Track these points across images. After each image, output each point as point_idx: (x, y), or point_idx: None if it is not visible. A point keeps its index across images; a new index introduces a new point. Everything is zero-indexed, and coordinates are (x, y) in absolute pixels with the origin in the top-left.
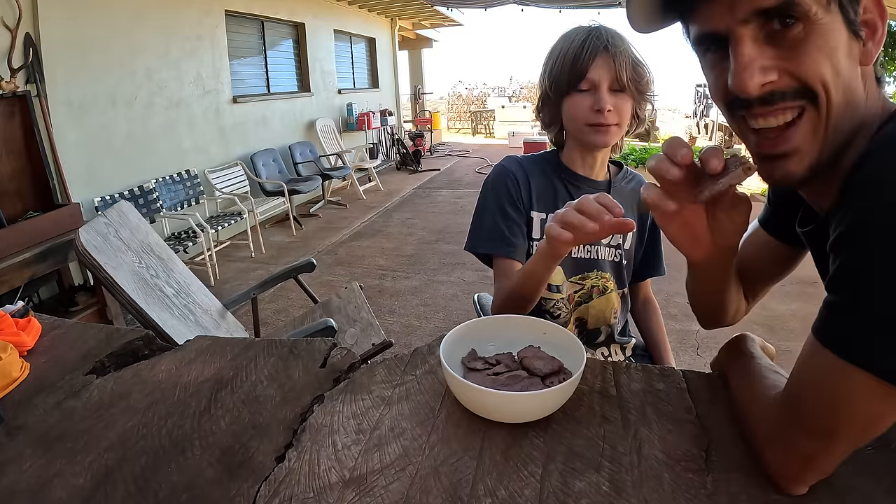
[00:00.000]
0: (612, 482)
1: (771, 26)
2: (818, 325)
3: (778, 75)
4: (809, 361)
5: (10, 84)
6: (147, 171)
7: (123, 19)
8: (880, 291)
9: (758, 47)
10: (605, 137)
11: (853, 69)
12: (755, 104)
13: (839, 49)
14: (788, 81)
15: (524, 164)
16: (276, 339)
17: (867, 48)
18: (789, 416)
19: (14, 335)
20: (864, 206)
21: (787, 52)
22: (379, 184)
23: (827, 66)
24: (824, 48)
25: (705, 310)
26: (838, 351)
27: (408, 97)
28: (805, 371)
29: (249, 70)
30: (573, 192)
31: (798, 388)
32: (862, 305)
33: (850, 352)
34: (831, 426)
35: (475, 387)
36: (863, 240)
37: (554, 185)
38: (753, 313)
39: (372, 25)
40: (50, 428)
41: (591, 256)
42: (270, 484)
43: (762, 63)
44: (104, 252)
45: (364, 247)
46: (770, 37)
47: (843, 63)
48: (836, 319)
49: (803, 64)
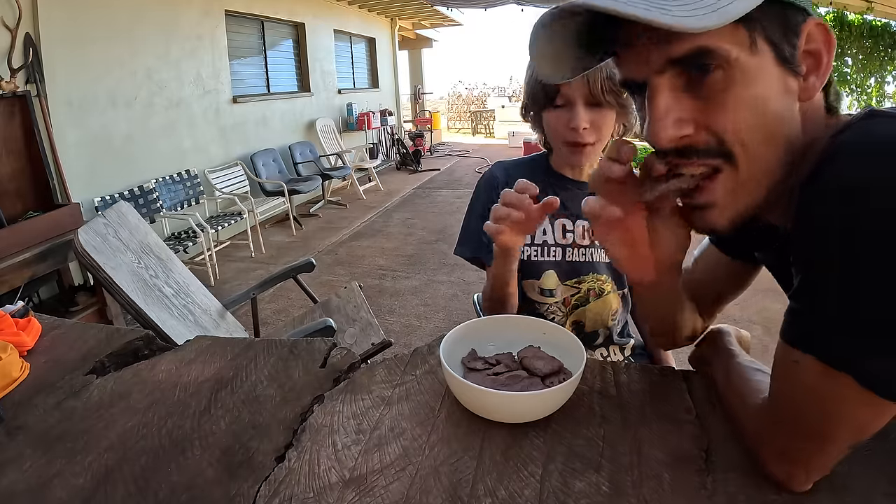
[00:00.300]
0: (611, 482)
1: (689, 74)
2: (797, 332)
3: (695, 129)
4: (794, 370)
5: (10, 84)
6: (147, 171)
7: (123, 19)
8: (836, 296)
9: (675, 97)
10: (581, 157)
11: (787, 108)
12: (671, 155)
13: (767, 93)
14: (706, 137)
15: (510, 171)
16: (276, 339)
17: (808, 83)
18: (782, 424)
19: (14, 335)
20: (849, 213)
21: (705, 102)
22: (379, 184)
23: (748, 118)
24: (746, 97)
25: (657, 331)
26: (822, 357)
27: (408, 97)
28: (791, 380)
29: (249, 70)
30: (562, 196)
31: (786, 398)
32: (826, 309)
33: (833, 357)
34: (825, 430)
35: (475, 387)
36: (834, 248)
37: (544, 189)
38: (752, 313)
39: (372, 25)
40: (50, 428)
41: (587, 259)
42: (270, 484)
43: (678, 115)
44: (103, 252)
45: (364, 247)
46: (689, 85)
47: (772, 106)
48: (813, 326)
49: (721, 117)
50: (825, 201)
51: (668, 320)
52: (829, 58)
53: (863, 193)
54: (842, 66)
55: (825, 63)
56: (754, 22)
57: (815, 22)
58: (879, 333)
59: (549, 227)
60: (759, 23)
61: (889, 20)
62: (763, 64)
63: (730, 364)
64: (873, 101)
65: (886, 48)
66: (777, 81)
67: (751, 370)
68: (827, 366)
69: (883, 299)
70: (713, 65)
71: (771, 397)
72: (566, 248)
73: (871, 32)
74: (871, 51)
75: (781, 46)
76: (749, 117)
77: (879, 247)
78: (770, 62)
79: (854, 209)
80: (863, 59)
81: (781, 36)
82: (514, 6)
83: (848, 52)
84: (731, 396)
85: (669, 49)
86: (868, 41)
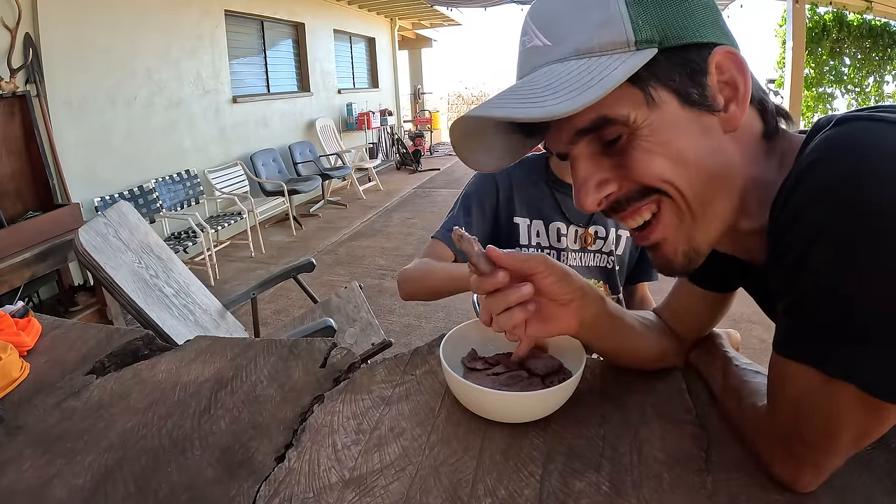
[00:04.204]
0: (612, 482)
1: (600, 140)
2: (792, 344)
3: (618, 184)
4: (792, 381)
5: (10, 84)
6: (147, 171)
7: (123, 19)
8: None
9: (593, 163)
10: None
11: (713, 143)
12: (609, 212)
13: (679, 140)
14: (630, 186)
15: (511, 172)
16: (276, 339)
17: (729, 112)
18: (784, 430)
19: (14, 335)
20: (840, 212)
21: (619, 160)
22: (379, 184)
23: (661, 163)
24: (654, 148)
25: (619, 361)
26: (821, 367)
27: (408, 97)
28: (790, 390)
29: (249, 70)
30: (560, 199)
31: (786, 407)
32: (821, 318)
33: (832, 367)
34: (829, 435)
35: (475, 387)
36: (824, 250)
37: (541, 191)
38: (752, 312)
39: (372, 25)
40: (50, 428)
41: (576, 263)
42: (270, 484)
43: (599, 178)
44: (103, 252)
45: (364, 246)
46: (605, 149)
47: (688, 150)
48: (809, 336)
49: (635, 170)
50: (813, 205)
51: (623, 351)
52: (746, 81)
53: (853, 192)
54: (840, 65)
55: (742, 89)
56: (645, 80)
57: (721, 52)
58: (878, 337)
59: (544, 229)
60: (652, 78)
61: (888, 20)
62: (666, 114)
63: (727, 367)
64: (872, 100)
65: (885, 48)
66: (689, 125)
67: (749, 372)
68: (827, 375)
69: (879, 300)
70: (616, 129)
71: (771, 405)
72: (560, 252)
73: (870, 32)
74: (871, 50)
75: (686, 90)
76: (665, 165)
77: (873, 245)
78: (675, 109)
79: (843, 209)
80: (862, 59)
81: (686, 80)
82: (513, 6)
83: (847, 52)
84: (729, 400)
85: (573, 123)
86: (867, 41)
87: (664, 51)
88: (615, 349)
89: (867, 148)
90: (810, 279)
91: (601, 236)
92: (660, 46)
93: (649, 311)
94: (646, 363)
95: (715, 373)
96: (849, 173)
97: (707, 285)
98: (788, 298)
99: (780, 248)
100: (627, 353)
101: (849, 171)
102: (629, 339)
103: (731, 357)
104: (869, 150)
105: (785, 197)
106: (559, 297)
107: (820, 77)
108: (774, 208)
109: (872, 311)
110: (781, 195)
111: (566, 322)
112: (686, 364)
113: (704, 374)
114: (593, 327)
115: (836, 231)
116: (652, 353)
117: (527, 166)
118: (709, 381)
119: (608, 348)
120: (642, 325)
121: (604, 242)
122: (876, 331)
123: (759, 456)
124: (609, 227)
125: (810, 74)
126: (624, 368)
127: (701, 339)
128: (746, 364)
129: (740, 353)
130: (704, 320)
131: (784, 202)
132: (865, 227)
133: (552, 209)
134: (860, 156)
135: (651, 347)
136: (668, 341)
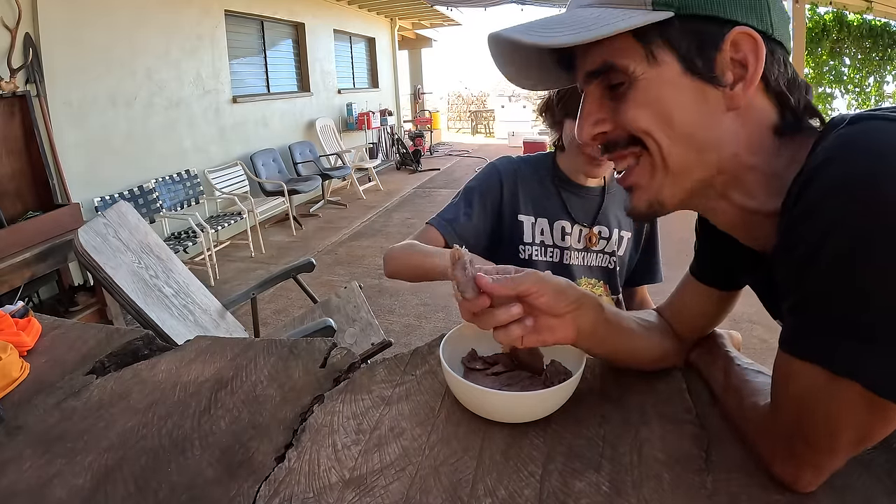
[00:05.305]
0: (612, 482)
1: (607, 84)
2: (798, 342)
3: (612, 126)
4: (797, 379)
5: (10, 84)
6: (147, 171)
7: (123, 19)
8: (839, 300)
9: (597, 102)
10: (598, 170)
11: (707, 115)
12: (602, 151)
13: (670, 99)
14: (619, 133)
15: (517, 169)
16: (276, 339)
17: (735, 91)
18: (787, 429)
19: (14, 335)
20: (854, 210)
21: (617, 105)
22: (379, 183)
23: (648, 117)
24: (644, 101)
25: (618, 364)
26: (827, 366)
27: (408, 97)
28: (794, 388)
29: (249, 70)
30: (565, 197)
31: (790, 405)
32: (828, 316)
33: (838, 365)
34: (832, 435)
35: (475, 387)
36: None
37: (547, 189)
38: (752, 312)
39: (372, 25)
40: (50, 428)
41: (579, 263)
42: (270, 484)
43: (597, 116)
44: (103, 252)
45: (364, 246)
46: (608, 92)
47: (679, 112)
48: (815, 334)
49: (623, 116)
50: (829, 200)
51: (623, 354)
52: (757, 65)
53: (870, 191)
54: (840, 65)
55: (751, 71)
56: (650, 38)
57: (740, 31)
58: (884, 336)
59: (548, 227)
60: (659, 38)
61: (889, 20)
62: (665, 74)
63: (728, 366)
64: (872, 100)
65: (885, 48)
66: (687, 91)
67: (750, 372)
68: (832, 374)
69: (890, 298)
70: (619, 75)
71: (774, 404)
72: (564, 251)
73: (870, 32)
74: (871, 51)
75: (691, 58)
76: (651, 117)
77: (889, 243)
78: (676, 73)
79: (860, 206)
80: (862, 59)
81: (693, 49)
82: (513, 6)
83: (847, 52)
84: (730, 399)
85: (585, 65)
86: (867, 41)
87: (682, 17)
88: (615, 353)
89: (883, 148)
90: (824, 272)
91: (605, 236)
92: (676, 11)
93: (650, 310)
94: (646, 364)
95: (716, 372)
96: (865, 172)
97: (713, 283)
98: (797, 294)
99: (792, 239)
100: (627, 356)
101: (865, 170)
102: (629, 343)
103: (733, 357)
104: (885, 150)
105: (799, 189)
106: (555, 312)
107: (820, 77)
108: (788, 199)
109: (883, 308)
110: (795, 187)
111: (563, 333)
112: (687, 364)
113: (705, 373)
114: (591, 335)
115: (853, 225)
116: (652, 354)
117: (533, 164)
118: (710, 380)
119: (608, 353)
120: (642, 326)
121: (607, 242)
122: (883, 330)
123: (760, 455)
124: (612, 228)
125: (810, 74)
126: (624, 368)
127: (702, 339)
128: (748, 364)
129: (741, 354)
130: (707, 319)
131: (798, 195)
132: (882, 226)
133: (558, 208)
134: (876, 155)
135: (651, 349)
136: (669, 341)
